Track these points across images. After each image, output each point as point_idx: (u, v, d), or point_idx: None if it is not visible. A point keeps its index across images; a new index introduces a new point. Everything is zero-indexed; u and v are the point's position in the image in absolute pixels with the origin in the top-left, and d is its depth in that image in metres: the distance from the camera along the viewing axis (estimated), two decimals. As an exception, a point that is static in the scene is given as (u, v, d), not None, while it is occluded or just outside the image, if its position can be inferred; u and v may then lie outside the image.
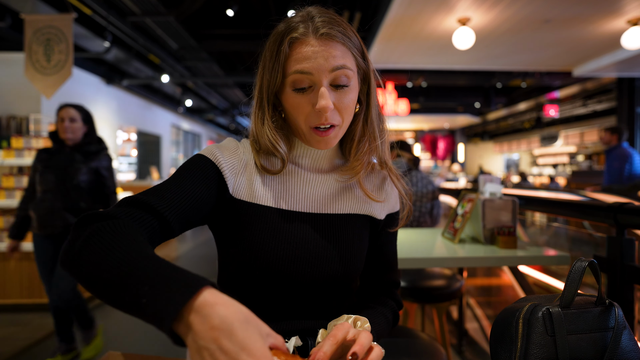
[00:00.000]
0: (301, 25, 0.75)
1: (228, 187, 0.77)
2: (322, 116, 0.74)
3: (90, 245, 0.54)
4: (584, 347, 0.73)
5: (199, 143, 14.36)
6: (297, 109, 0.76)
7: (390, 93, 9.14)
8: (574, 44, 5.50)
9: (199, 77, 8.12)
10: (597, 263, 0.77)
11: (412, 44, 5.53)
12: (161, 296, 0.46)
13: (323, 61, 0.73)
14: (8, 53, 5.38)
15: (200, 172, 0.75)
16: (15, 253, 2.55)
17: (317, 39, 0.73)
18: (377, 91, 0.85)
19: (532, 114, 12.04)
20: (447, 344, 2.03)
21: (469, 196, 1.85)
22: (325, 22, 0.74)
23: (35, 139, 3.67)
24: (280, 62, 0.75)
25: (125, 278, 0.49)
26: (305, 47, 0.73)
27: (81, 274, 0.53)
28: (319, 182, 0.85)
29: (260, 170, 0.81)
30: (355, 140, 0.83)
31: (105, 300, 0.51)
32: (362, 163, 0.82)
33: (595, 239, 2.79)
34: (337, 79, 0.74)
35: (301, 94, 0.75)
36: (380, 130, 0.85)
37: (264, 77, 0.78)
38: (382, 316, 0.85)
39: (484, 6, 4.22)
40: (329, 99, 0.73)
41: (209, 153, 0.78)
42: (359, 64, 0.79)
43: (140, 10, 4.94)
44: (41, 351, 2.67)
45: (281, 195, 0.82)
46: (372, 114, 0.84)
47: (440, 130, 16.70)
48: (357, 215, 0.86)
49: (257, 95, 0.81)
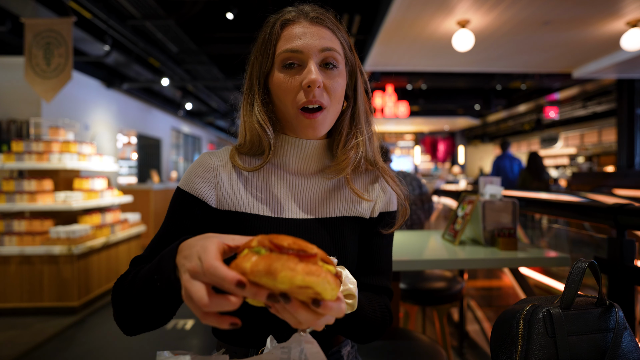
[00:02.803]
0: (293, 11, 0.79)
1: (210, 204, 0.80)
2: (311, 92, 0.74)
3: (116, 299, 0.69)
4: (585, 348, 0.73)
5: (199, 146, 14.37)
6: (285, 88, 0.76)
7: (390, 95, 9.15)
8: (573, 46, 5.51)
9: (199, 81, 8.13)
10: (597, 264, 0.76)
11: (411, 47, 5.53)
12: (161, 269, 0.58)
13: (313, 40, 0.75)
14: (8, 57, 5.40)
15: (182, 208, 0.79)
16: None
17: (308, 21, 0.77)
18: (375, 94, 0.85)
19: (532, 115, 12.04)
20: (448, 346, 2.02)
21: (469, 198, 1.85)
22: (316, 10, 0.79)
23: (36, 143, 3.67)
24: (272, 43, 0.77)
25: (144, 292, 0.63)
26: (296, 28, 0.76)
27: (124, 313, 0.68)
28: (307, 185, 0.84)
29: (240, 173, 0.82)
30: (343, 135, 0.83)
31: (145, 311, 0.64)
32: (348, 158, 0.81)
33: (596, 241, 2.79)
34: (327, 59, 0.76)
35: (290, 73, 0.75)
36: (367, 127, 0.85)
37: (254, 62, 0.81)
38: (365, 297, 0.79)
39: (483, 8, 4.23)
40: (318, 74, 0.74)
41: (184, 184, 0.81)
42: (347, 55, 0.81)
43: (140, 14, 4.95)
44: (41, 355, 2.67)
45: (268, 202, 0.81)
46: (359, 110, 0.84)
47: (440, 133, 16.71)
48: (348, 217, 0.85)
49: (247, 81, 0.82)
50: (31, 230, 3.48)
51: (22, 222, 3.49)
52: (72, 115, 6.23)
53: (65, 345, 2.83)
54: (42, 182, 3.63)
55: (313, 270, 0.44)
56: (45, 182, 3.67)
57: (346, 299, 0.63)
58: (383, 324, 0.81)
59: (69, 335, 3.00)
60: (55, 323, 3.20)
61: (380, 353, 1.15)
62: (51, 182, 3.75)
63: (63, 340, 2.90)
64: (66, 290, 3.43)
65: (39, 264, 3.42)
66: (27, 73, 3.92)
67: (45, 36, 3.94)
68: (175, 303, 0.61)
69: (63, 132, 3.91)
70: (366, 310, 0.76)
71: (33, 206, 3.50)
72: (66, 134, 3.96)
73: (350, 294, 0.64)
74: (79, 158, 3.80)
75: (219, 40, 6.76)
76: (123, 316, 0.67)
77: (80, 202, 3.65)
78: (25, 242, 3.43)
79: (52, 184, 3.75)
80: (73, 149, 3.78)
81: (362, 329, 0.77)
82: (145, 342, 2.84)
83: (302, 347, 0.65)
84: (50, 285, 3.43)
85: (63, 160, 3.64)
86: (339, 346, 0.86)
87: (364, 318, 0.75)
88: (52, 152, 3.65)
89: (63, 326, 3.14)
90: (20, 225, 3.49)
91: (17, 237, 3.42)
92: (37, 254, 3.40)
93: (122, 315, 0.67)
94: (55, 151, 3.67)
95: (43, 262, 3.42)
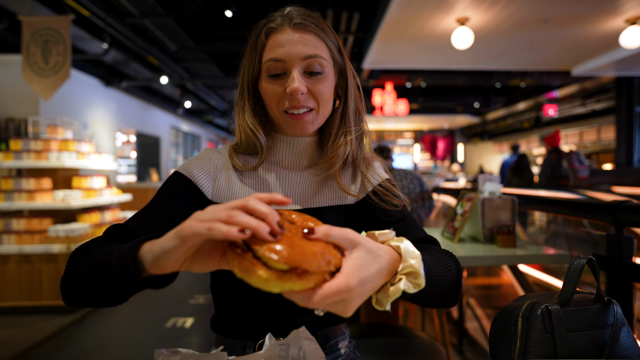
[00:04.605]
0: (279, 17, 0.80)
1: (205, 194, 0.82)
2: (294, 99, 0.77)
3: (73, 265, 0.64)
4: (583, 344, 0.73)
5: (198, 144, 14.36)
6: (271, 95, 0.79)
7: (389, 93, 9.14)
8: (572, 43, 5.51)
9: (198, 79, 8.12)
10: (595, 261, 0.76)
11: (411, 44, 5.53)
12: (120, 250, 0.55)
13: (295, 49, 0.77)
14: (6, 55, 5.38)
15: (175, 189, 0.80)
16: None
17: (292, 28, 0.78)
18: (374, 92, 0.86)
19: (531, 113, 12.06)
20: (448, 344, 2.02)
21: (468, 195, 1.85)
22: (300, 14, 0.80)
23: (34, 141, 3.66)
24: (258, 52, 0.80)
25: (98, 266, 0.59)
26: (280, 36, 0.78)
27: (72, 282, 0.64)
28: (297, 178, 0.87)
29: (238, 171, 0.85)
30: (333, 133, 0.86)
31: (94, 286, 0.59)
32: (337, 155, 0.84)
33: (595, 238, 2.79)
34: (310, 67, 0.78)
35: (275, 81, 0.78)
36: (356, 126, 0.87)
37: (245, 68, 0.84)
38: (430, 256, 0.68)
39: (482, 6, 4.23)
40: (300, 82, 0.76)
41: (183, 168, 0.83)
42: (335, 57, 0.83)
43: (138, 12, 4.93)
44: (41, 354, 2.67)
45: (260, 192, 0.83)
46: (349, 109, 0.86)
47: (440, 131, 16.71)
48: (334, 206, 0.87)
49: (239, 85, 0.86)
50: (30, 229, 3.47)
51: (21, 221, 3.49)
52: (71, 114, 6.22)
53: (65, 343, 2.83)
54: (41, 180, 3.62)
55: (247, 268, 0.46)
56: (44, 180, 3.66)
57: (408, 277, 0.55)
58: (458, 275, 0.71)
59: (68, 333, 3.00)
60: (54, 322, 3.20)
61: (379, 350, 1.15)
62: (50, 181, 3.74)
63: (62, 339, 2.90)
64: (65, 289, 3.42)
65: (38, 262, 3.42)
66: (25, 71, 3.90)
67: (43, 34, 3.92)
68: (124, 290, 0.56)
69: (61, 131, 3.90)
70: (436, 274, 0.64)
71: (32, 205, 3.49)
72: (65, 132, 3.95)
73: (412, 271, 0.55)
74: (77, 156, 3.79)
75: (217, 38, 6.75)
76: (70, 282, 0.63)
77: (79, 201, 3.64)
78: (24, 240, 3.42)
79: (50, 182, 3.74)
80: (72, 147, 3.77)
81: (441, 292, 0.66)
82: (144, 340, 2.84)
83: (301, 344, 0.65)
84: (50, 283, 3.43)
85: (62, 159, 3.63)
86: (337, 339, 0.87)
87: (439, 284, 0.64)
88: (50, 150, 3.64)
89: (62, 325, 3.14)
90: (19, 224, 3.49)
91: (16, 235, 3.42)
92: (36, 253, 3.40)
93: (69, 281, 0.63)
94: (53, 149, 3.66)
95: (42, 260, 3.42)
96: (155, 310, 3.49)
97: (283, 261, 0.45)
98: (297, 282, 0.45)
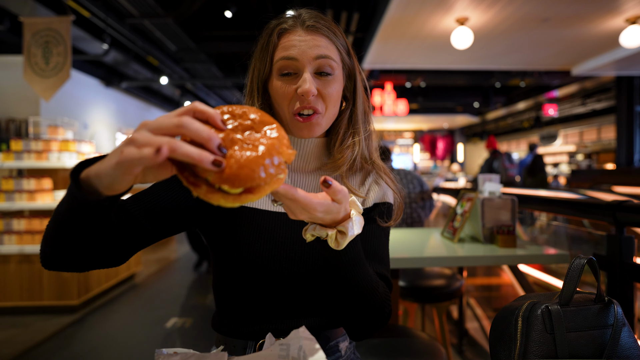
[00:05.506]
0: (290, 19, 0.81)
1: None
2: (305, 100, 0.77)
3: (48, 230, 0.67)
4: (583, 344, 0.73)
5: (198, 145, 14.35)
6: (281, 95, 0.79)
7: (389, 93, 9.14)
8: (572, 43, 5.50)
9: (198, 79, 8.12)
10: (596, 261, 0.76)
11: (410, 44, 5.53)
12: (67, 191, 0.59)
13: (308, 49, 0.77)
14: (7, 56, 5.38)
15: (179, 182, 0.79)
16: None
17: (304, 29, 0.79)
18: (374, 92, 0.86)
19: (531, 113, 12.05)
20: (448, 344, 2.02)
21: (468, 195, 1.85)
22: (312, 17, 0.81)
23: (35, 142, 3.67)
24: (269, 52, 0.80)
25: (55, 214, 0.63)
26: (292, 36, 0.79)
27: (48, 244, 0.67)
28: (305, 181, 0.87)
29: None
30: (340, 134, 0.86)
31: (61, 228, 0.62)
32: (344, 157, 0.83)
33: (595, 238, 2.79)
34: (321, 67, 0.78)
35: (286, 80, 0.78)
36: (365, 127, 0.87)
37: (254, 68, 0.84)
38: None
39: (482, 6, 4.23)
40: (312, 83, 0.76)
41: None
42: (344, 60, 0.83)
43: (138, 12, 4.93)
44: (41, 354, 2.67)
45: (268, 195, 0.82)
46: (357, 111, 0.86)
47: (440, 130, 16.71)
48: None
49: (248, 85, 0.86)
50: (30, 229, 3.48)
51: (22, 221, 3.49)
52: (71, 114, 6.22)
53: (65, 343, 2.83)
54: (42, 180, 3.62)
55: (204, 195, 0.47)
56: (45, 180, 3.66)
57: (338, 234, 0.63)
58: (383, 306, 0.74)
59: (68, 333, 3.00)
60: (55, 322, 3.20)
61: (379, 351, 1.15)
62: (50, 181, 3.74)
63: (63, 339, 2.90)
64: (66, 289, 3.43)
65: (38, 262, 3.41)
66: (25, 72, 3.91)
67: (43, 35, 3.93)
68: (81, 220, 0.59)
69: (62, 131, 3.91)
70: (361, 265, 0.69)
71: (32, 205, 3.49)
72: (65, 132, 3.96)
73: (342, 231, 0.63)
74: (78, 157, 3.79)
75: (217, 39, 6.75)
76: (43, 245, 0.67)
77: (80, 201, 3.64)
78: (25, 241, 3.43)
79: (51, 182, 3.75)
80: (72, 147, 3.77)
81: (362, 287, 0.70)
82: (144, 340, 2.84)
83: (301, 344, 0.65)
84: (50, 283, 3.43)
85: (62, 159, 3.63)
86: (337, 340, 0.87)
87: (360, 276, 0.69)
88: (51, 151, 3.64)
89: (63, 325, 3.14)
90: (20, 224, 3.49)
91: (17, 236, 3.42)
92: (36, 253, 3.40)
93: (42, 245, 0.67)
94: (54, 150, 3.66)
95: (42, 261, 3.42)
96: (155, 310, 3.49)
97: (236, 188, 0.46)
98: (254, 196, 0.48)
